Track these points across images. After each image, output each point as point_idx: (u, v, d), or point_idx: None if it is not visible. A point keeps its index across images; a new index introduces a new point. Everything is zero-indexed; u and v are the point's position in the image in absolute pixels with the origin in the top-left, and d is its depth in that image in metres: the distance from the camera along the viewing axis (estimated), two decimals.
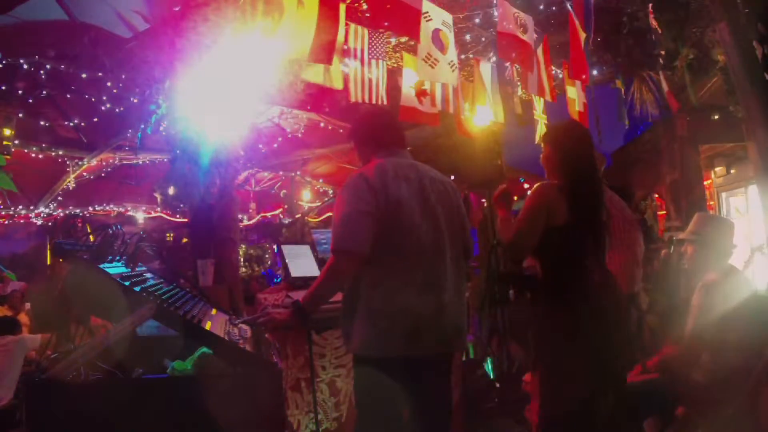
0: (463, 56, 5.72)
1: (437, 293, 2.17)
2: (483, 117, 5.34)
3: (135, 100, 5.08)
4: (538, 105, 5.80)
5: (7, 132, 5.45)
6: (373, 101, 4.45)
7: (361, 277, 2.15)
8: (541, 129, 5.69)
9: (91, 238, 2.29)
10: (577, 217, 2.35)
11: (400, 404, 2.15)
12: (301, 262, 3.66)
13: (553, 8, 5.51)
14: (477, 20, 5.41)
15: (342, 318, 2.22)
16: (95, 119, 6.42)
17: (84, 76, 5.44)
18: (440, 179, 2.38)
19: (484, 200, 7.01)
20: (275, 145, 8.10)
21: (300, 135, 7.81)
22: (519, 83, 5.59)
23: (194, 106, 4.55)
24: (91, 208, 9.80)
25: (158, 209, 10.03)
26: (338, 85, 4.09)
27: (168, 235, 11.81)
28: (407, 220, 2.16)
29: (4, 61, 5.06)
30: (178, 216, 10.12)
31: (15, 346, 4.57)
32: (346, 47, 4.21)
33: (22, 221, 9.37)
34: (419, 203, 2.21)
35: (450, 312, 2.20)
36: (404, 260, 2.14)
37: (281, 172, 10.08)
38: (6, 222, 9.33)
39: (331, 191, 10.91)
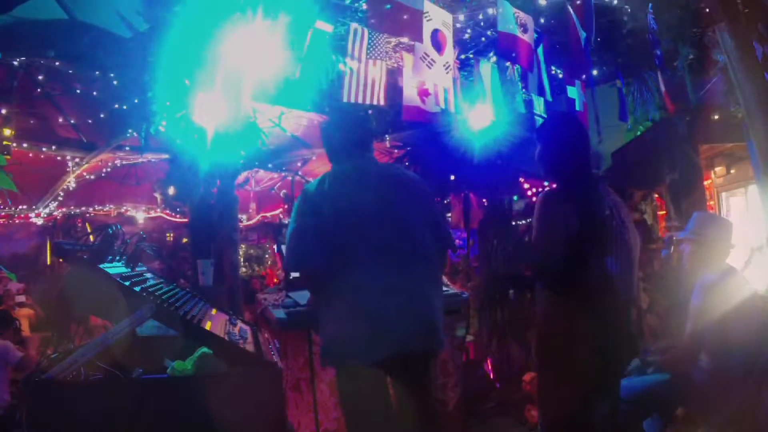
0: (463, 56, 5.73)
1: (398, 295, 2.13)
2: (483, 117, 5.35)
3: (136, 101, 5.08)
4: (538, 105, 5.80)
5: (7, 132, 5.45)
6: (371, 101, 4.46)
7: (323, 290, 2.18)
8: None
9: (91, 238, 2.29)
10: (577, 218, 2.32)
11: (377, 406, 2.14)
12: None
13: (553, 8, 5.51)
14: (477, 20, 5.41)
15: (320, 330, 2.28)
16: (95, 119, 6.42)
17: (84, 76, 5.44)
18: (400, 178, 2.35)
19: (484, 200, 7.01)
20: (274, 147, 8.09)
21: (300, 135, 7.80)
22: (519, 83, 5.60)
23: (195, 106, 4.55)
24: (91, 208, 9.80)
25: (158, 209, 10.03)
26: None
27: (168, 235, 11.81)
28: (351, 227, 2.14)
29: (3, 61, 5.06)
30: (178, 216, 10.12)
31: None
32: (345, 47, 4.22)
33: (22, 221, 9.37)
34: (367, 206, 2.18)
35: (416, 312, 2.16)
36: (355, 267, 2.12)
37: (281, 172, 10.06)
38: (6, 222, 9.33)
39: None
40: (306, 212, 2.18)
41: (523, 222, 8.58)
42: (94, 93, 5.58)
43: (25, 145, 6.60)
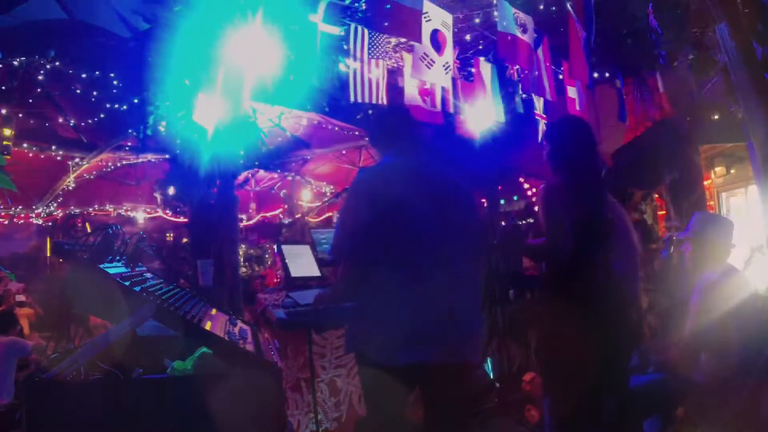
0: (463, 56, 5.73)
1: (441, 301, 2.08)
2: (483, 117, 5.35)
3: (135, 101, 5.09)
4: (538, 105, 5.80)
5: (7, 132, 5.46)
6: (374, 101, 4.46)
7: (366, 283, 2.13)
8: (541, 128, 5.70)
9: (91, 238, 2.29)
10: (581, 215, 2.33)
11: (402, 408, 2.11)
12: (301, 262, 3.67)
13: (553, 8, 5.51)
14: (477, 20, 5.41)
15: (349, 320, 2.25)
16: (95, 119, 6.43)
17: (84, 76, 5.45)
18: (450, 180, 2.30)
19: (484, 200, 7.00)
20: (274, 147, 8.10)
21: (300, 135, 7.81)
22: (519, 83, 5.60)
23: (195, 106, 4.55)
24: (91, 208, 9.81)
25: (158, 209, 10.04)
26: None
27: (168, 235, 11.81)
28: (405, 226, 2.09)
29: (4, 61, 5.07)
30: (178, 216, 10.13)
31: (4, 349, 4.52)
32: (346, 47, 4.23)
33: (22, 221, 9.37)
34: (421, 207, 2.12)
35: (456, 320, 2.11)
36: (404, 267, 2.08)
37: (281, 172, 10.08)
38: (6, 222, 9.34)
39: (329, 191, 10.92)
40: (358, 206, 2.13)
41: (523, 222, 8.58)
42: (94, 93, 5.59)
43: (25, 145, 6.61)
